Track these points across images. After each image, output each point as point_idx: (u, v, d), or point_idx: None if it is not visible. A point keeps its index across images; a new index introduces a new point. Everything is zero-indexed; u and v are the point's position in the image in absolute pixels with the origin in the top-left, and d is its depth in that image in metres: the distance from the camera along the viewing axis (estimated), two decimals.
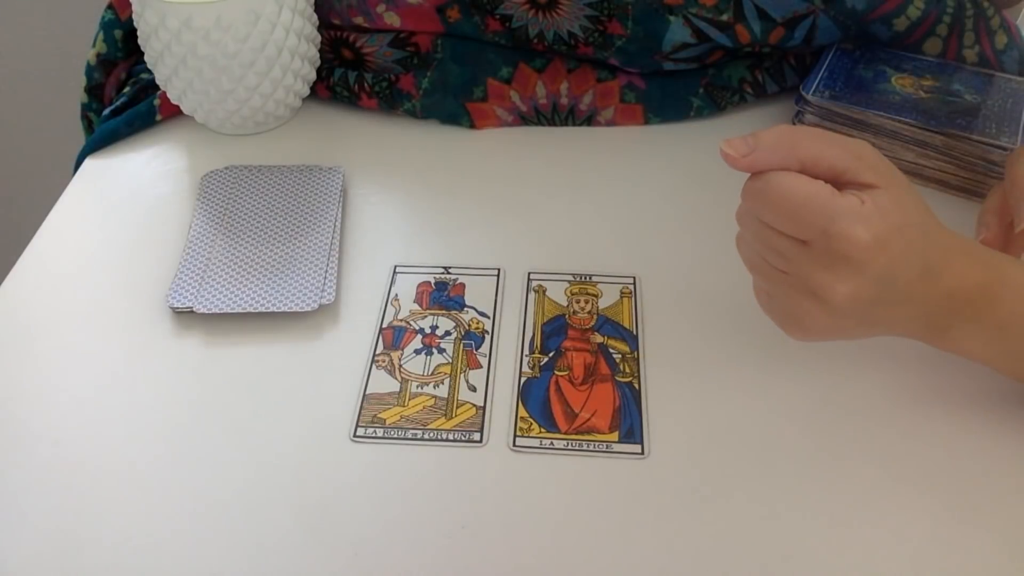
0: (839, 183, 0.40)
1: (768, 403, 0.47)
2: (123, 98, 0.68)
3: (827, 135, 0.40)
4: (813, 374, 0.49)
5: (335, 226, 0.57)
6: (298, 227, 0.57)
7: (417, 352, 0.51)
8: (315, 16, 0.67)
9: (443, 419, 0.47)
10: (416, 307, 0.53)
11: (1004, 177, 0.52)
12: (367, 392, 0.48)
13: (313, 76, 0.67)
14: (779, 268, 0.41)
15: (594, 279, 0.55)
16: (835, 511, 0.42)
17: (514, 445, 0.46)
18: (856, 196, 0.39)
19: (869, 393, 0.48)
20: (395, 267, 0.56)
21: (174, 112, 0.67)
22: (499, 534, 0.42)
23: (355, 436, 0.46)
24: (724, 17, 0.64)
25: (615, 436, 0.46)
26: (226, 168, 0.63)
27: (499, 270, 0.56)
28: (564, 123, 0.68)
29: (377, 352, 0.50)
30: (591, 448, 0.45)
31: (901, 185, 0.40)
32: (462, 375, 0.49)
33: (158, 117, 0.67)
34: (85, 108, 0.73)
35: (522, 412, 0.47)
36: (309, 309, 0.51)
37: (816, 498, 0.43)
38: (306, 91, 0.68)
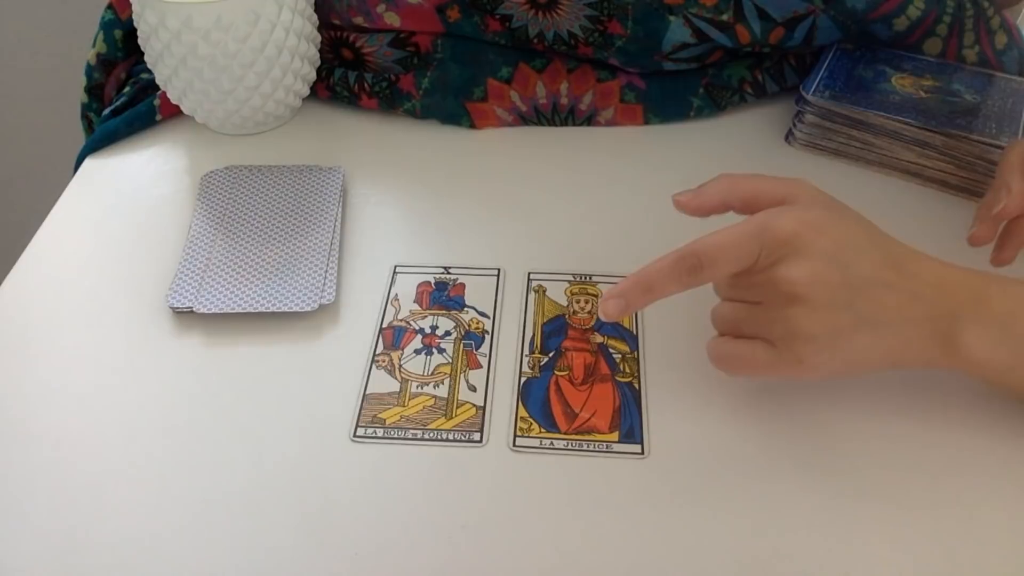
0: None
1: (768, 403, 0.47)
2: (123, 98, 0.68)
3: (763, 175, 0.44)
4: None
5: (335, 226, 0.57)
6: (298, 227, 0.57)
7: (417, 352, 0.51)
8: (315, 16, 0.67)
9: (443, 419, 0.47)
10: (416, 307, 0.53)
11: (996, 167, 0.52)
12: (367, 392, 0.48)
13: (313, 76, 0.67)
14: (754, 313, 0.43)
15: (594, 279, 0.55)
16: (835, 511, 0.42)
17: (514, 445, 0.46)
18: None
19: (870, 393, 0.48)
20: (395, 267, 0.56)
21: (174, 112, 0.67)
22: (499, 534, 0.42)
23: (355, 436, 0.46)
24: (724, 17, 0.64)
25: (615, 436, 0.46)
26: (226, 168, 0.63)
27: (499, 270, 0.56)
28: (564, 123, 0.68)
29: (377, 352, 0.50)
30: (591, 448, 0.45)
31: (838, 206, 0.43)
32: (462, 375, 0.49)
33: (158, 117, 0.68)
34: (85, 108, 0.73)
35: (522, 412, 0.47)
36: (309, 309, 0.51)
37: (816, 498, 0.43)
38: (306, 91, 0.68)
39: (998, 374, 0.43)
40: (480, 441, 0.46)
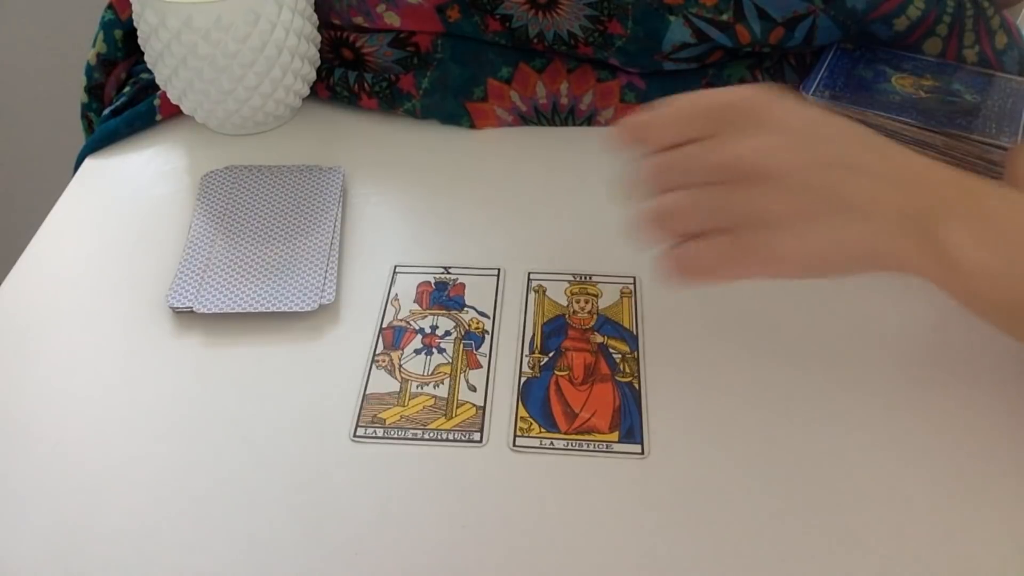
0: None
1: (768, 402, 0.47)
2: (123, 98, 0.68)
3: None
4: (813, 373, 0.49)
5: (335, 226, 0.57)
6: (298, 227, 0.57)
7: (417, 352, 0.51)
8: (315, 16, 0.67)
9: (443, 419, 0.47)
10: (416, 307, 0.53)
11: (1003, 176, 0.52)
12: (367, 392, 0.48)
13: (313, 76, 0.67)
14: (713, 195, 0.39)
15: (594, 279, 0.55)
16: (836, 510, 0.42)
17: (514, 445, 0.46)
18: None
19: (870, 392, 0.48)
20: (395, 267, 0.56)
21: (174, 112, 0.67)
22: (499, 534, 0.42)
23: (355, 436, 0.46)
24: (724, 17, 0.64)
25: (615, 436, 0.46)
26: (226, 168, 0.63)
27: (499, 270, 0.56)
28: (564, 123, 0.68)
29: (377, 352, 0.50)
30: (591, 448, 0.45)
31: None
32: (462, 375, 0.49)
33: (158, 117, 0.68)
34: (85, 108, 0.73)
35: (522, 412, 0.47)
36: (309, 309, 0.51)
37: (816, 497, 0.43)
38: (306, 91, 0.68)
39: (978, 281, 0.37)
40: (480, 441, 0.46)
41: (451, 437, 0.46)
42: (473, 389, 0.48)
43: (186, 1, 0.59)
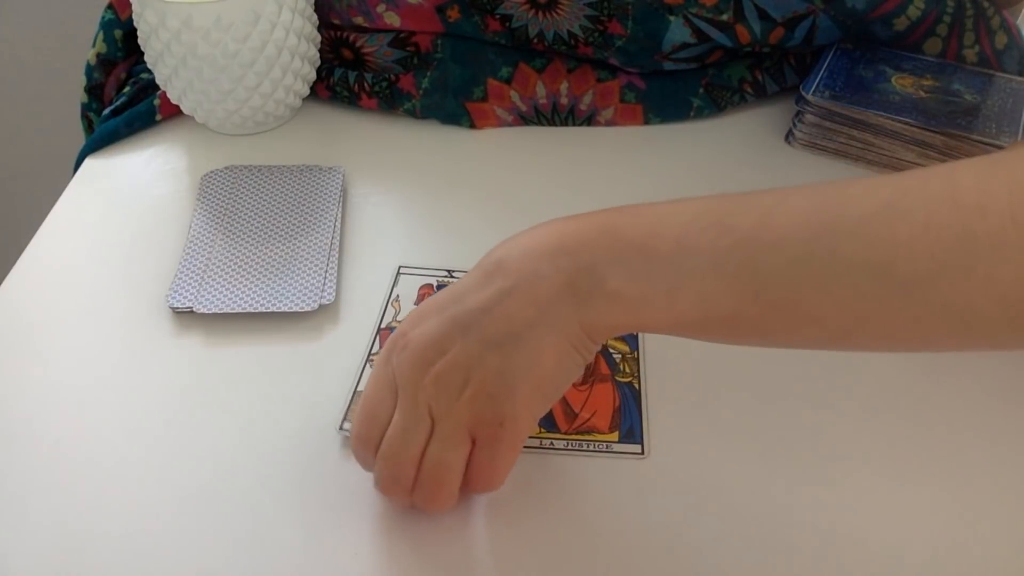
0: None
1: (768, 402, 0.47)
2: (123, 98, 0.68)
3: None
4: (813, 373, 0.49)
5: (335, 226, 0.57)
6: (298, 227, 0.57)
7: None
8: (315, 16, 0.67)
9: None
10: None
11: None
12: (357, 390, 0.48)
13: (313, 76, 0.67)
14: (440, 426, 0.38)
15: None
16: (837, 510, 0.42)
17: None
18: None
19: (870, 392, 0.48)
20: (399, 268, 0.56)
21: (174, 112, 0.67)
22: (499, 534, 0.42)
23: (342, 428, 0.46)
24: (724, 17, 0.64)
25: (615, 436, 0.46)
26: (226, 168, 0.63)
27: None
28: (564, 123, 0.68)
29: (373, 352, 0.50)
30: (591, 448, 0.45)
31: None
32: None
33: (158, 117, 0.67)
34: (85, 108, 0.73)
35: None
36: (309, 309, 0.51)
37: (818, 498, 0.43)
38: (306, 91, 0.68)
39: (659, 307, 0.35)
40: None
41: None
42: None
43: (186, 1, 0.59)
